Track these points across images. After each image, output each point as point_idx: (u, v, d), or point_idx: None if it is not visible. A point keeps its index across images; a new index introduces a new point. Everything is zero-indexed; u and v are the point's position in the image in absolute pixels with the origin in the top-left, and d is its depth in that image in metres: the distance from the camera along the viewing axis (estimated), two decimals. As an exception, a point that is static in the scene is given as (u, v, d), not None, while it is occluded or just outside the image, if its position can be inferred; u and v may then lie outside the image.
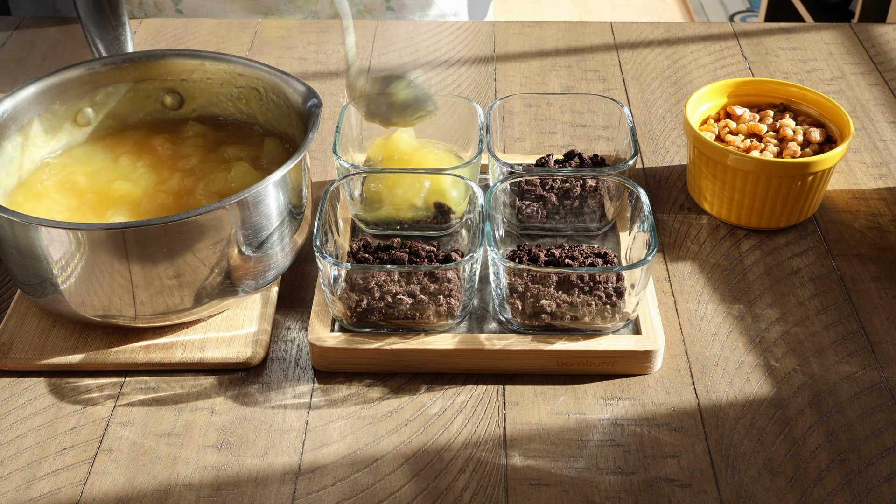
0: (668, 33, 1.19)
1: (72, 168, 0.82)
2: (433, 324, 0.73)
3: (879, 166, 0.96)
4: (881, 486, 0.66)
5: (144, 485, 0.66)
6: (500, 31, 1.19)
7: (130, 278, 0.69)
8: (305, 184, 0.78)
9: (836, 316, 0.79)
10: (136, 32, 1.18)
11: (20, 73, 1.10)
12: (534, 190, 0.83)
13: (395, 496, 0.65)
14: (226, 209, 0.69)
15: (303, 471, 0.67)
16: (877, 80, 1.09)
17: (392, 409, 0.71)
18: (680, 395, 0.72)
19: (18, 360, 0.74)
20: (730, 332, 0.77)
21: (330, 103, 1.04)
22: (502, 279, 0.73)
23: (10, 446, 0.69)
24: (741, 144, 0.87)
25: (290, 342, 0.76)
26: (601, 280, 0.73)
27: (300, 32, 1.18)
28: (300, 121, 0.79)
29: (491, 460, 0.67)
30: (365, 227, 0.84)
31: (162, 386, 0.73)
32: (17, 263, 0.72)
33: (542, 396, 0.72)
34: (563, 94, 0.92)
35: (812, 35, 1.18)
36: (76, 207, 0.78)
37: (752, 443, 0.68)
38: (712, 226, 0.88)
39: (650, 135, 1.01)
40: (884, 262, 0.84)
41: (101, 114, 0.85)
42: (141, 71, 0.85)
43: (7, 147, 0.79)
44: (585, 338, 0.73)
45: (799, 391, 0.72)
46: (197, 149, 0.84)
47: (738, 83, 0.93)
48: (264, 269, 0.75)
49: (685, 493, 0.65)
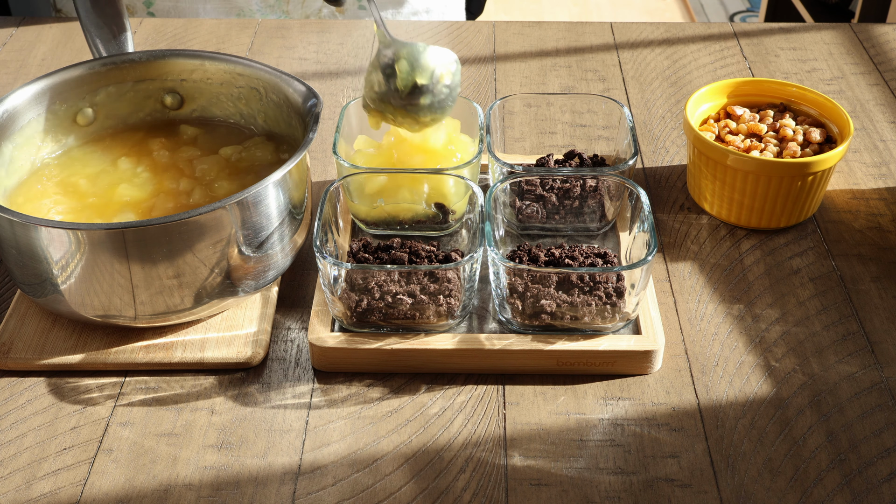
0: (668, 33, 1.19)
1: (72, 169, 0.82)
2: (433, 324, 0.73)
3: (879, 166, 0.96)
4: (881, 486, 0.66)
5: (144, 485, 0.66)
6: (500, 31, 1.19)
7: (130, 278, 0.69)
8: (305, 184, 0.78)
9: (836, 316, 0.79)
10: (136, 32, 1.18)
11: (20, 73, 1.10)
12: (534, 190, 0.83)
13: (395, 496, 0.65)
14: (226, 209, 0.69)
15: (303, 471, 0.67)
16: (877, 80, 1.09)
17: (392, 409, 0.71)
18: (680, 395, 0.72)
19: (18, 360, 0.74)
20: (730, 332, 0.77)
21: (330, 103, 1.04)
22: (502, 279, 0.73)
23: (10, 446, 0.69)
24: (741, 144, 0.87)
25: (290, 342, 0.76)
26: (601, 280, 0.73)
27: (300, 32, 1.18)
28: (300, 121, 0.79)
29: (491, 460, 0.67)
30: (365, 227, 0.84)
31: (162, 386, 0.73)
32: (17, 263, 0.72)
33: (542, 396, 0.72)
34: (563, 94, 0.92)
35: (812, 35, 1.18)
36: (76, 208, 0.78)
37: (752, 443, 0.68)
38: (712, 226, 0.88)
39: (650, 135, 1.01)
40: (884, 262, 0.84)
41: (102, 114, 0.85)
42: (141, 71, 0.85)
43: (7, 147, 0.79)
44: (585, 338, 0.73)
45: (799, 391, 0.72)
46: (196, 149, 0.84)
47: (738, 83, 0.93)
48: (264, 269, 0.75)
49: (685, 493, 0.65)
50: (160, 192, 0.79)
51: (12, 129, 0.79)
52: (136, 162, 0.83)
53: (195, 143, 0.85)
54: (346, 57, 1.13)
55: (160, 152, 0.84)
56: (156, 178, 0.81)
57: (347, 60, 1.13)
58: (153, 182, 0.80)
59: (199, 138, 0.86)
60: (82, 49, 1.14)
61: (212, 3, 1.23)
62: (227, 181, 0.80)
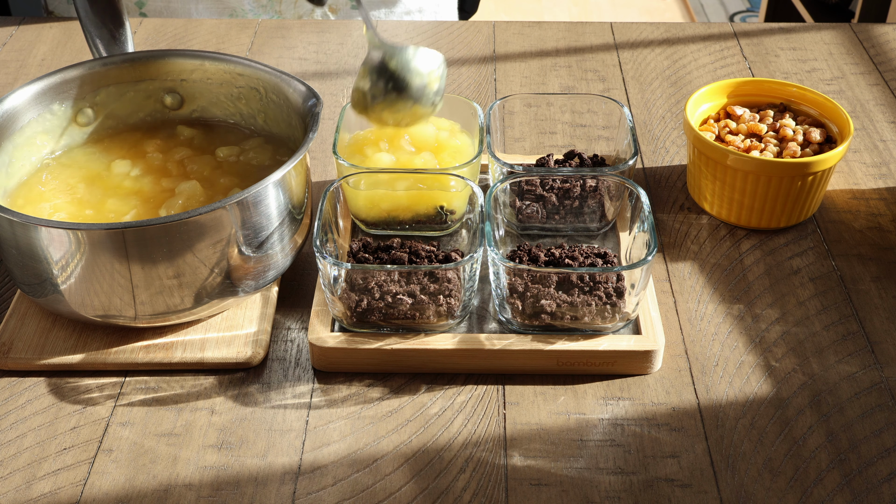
0: (668, 33, 1.19)
1: (72, 168, 0.82)
2: (433, 324, 0.73)
3: (879, 166, 0.96)
4: (881, 486, 0.66)
5: (144, 485, 0.66)
6: (500, 31, 1.19)
7: (130, 278, 0.69)
8: (305, 184, 0.78)
9: (836, 316, 0.79)
10: (136, 32, 1.18)
11: (20, 73, 1.10)
12: (534, 190, 0.83)
13: (395, 496, 0.65)
14: (226, 209, 0.69)
15: (303, 471, 0.67)
16: (877, 80, 1.09)
17: (392, 409, 0.71)
18: (680, 395, 0.72)
19: (18, 360, 0.74)
20: (730, 332, 0.77)
21: (330, 103, 1.04)
22: (502, 279, 0.73)
23: (10, 446, 0.69)
24: (741, 144, 0.87)
25: (290, 342, 0.76)
26: (601, 280, 0.73)
27: (300, 32, 1.18)
28: (300, 121, 0.79)
29: (491, 460, 0.67)
30: (365, 227, 0.84)
31: (162, 386, 0.73)
32: (17, 263, 0.72)
33: (542, 396, 0.72)
34: (563, 94, 0.92)
35: (812, 35, 1.18)
36: (76, 208, 0.78)
37: (752, 443, 0.68)
38: (712, 226, 0.88)
39: (650, 135, 1.01)
40: (884, 262, 0.84)
41: (102, 114, 0.85)
42: (141, 71, 0.85)
43: (7, 147, 0.79)
44: (585, 338, 0.73)
45: (799, 391, 0.72)
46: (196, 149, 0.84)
47: (738, 83, 0.93)
48: (264, 269, 0.75)
49: (685, 493, 0.65)
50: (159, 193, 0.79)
51: (12, 129, 0.79)
52: (136, 160, 0.83)
53: (192, 144, 0.85)
54: (346, 57, 1.13)
55: (155, 154, 0.84)
56: (154, 178, 0.81)
57: (347, 60, 1.13)
58: (151, 179, 0.80)
59: (198, 139, 0.86)
60: (82, 49, 1.14)
61: (204, 4, 1.23)
62: (226, 181, 0.80)
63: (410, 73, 0.79)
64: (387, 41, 0.80)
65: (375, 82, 0.80)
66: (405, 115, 0.81)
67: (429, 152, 0.83)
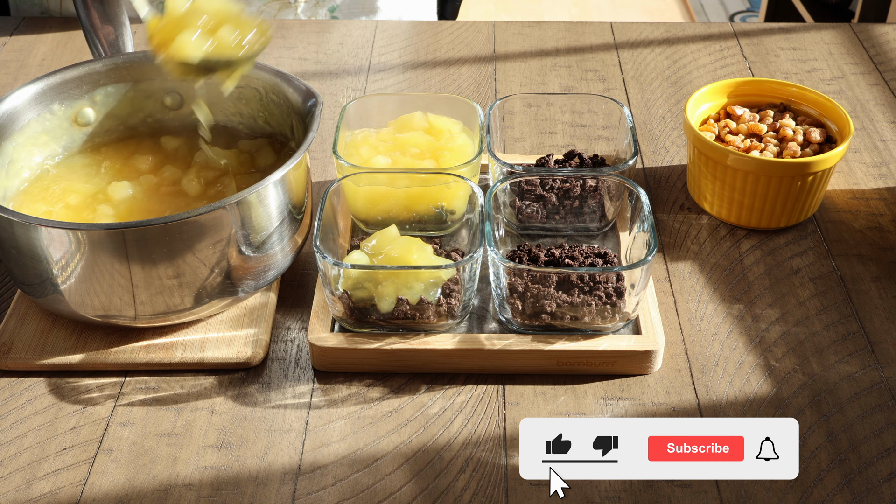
0: (668, 33, 1.19)
1: (72, 168, 0.82)
2: (433, 324, 0.73)
3: (879, 166, 0.96)
4: (881, 486, 0.66)
5: (144, 485, 0.66)
6: (500, 31, 1.19)
7: (130, 278, 0.69)
8: (305, 183, 0.78)
9: (836, 316, 0.79)
10: (136, 32, 1.18)
11: (20, 73, 1.10)
12: (534, 190, 0.83)
13: (395, 496, 0.65)
14: (226, 209, 0.69)
15: (303, 471, 0.67)
16: (877, 80, 1.09)
17: (392, 409, 0.71)
18: (680, 395, 0.72)
19: (18, 360, 0.74)
20: (730, 332, 0.77)
21: (330, 103, 1.04)
22: (502, 279, 0.73)
23: (10, 446, 0.69)
24: (741, 144, 0.87)
25: (290, 342, 0.76)
26: (601, 280, 0.73)
27: (300, 32, 1.18)
28: (300, 121, 0.79)
29: (491, 460, 0.67)
30: (365, 227, 0.84)
31: (162, 386, 0.73)
32: (17, 263, 0.72)
33: (542, 396, 0.72)
34: (563, 94, 0.92)
35: (812, 35, 1.18)
36: (76, 208, 0.78)
37: (752, 443, 0.68)
38: (712, 226, 0.88)
39: (650, 135, 1.01)
40: (884, 262, 0.84)
41: (101, 114, 0.85)
42: (141, 71, 0.85)
43: (7, 147, 0.79)
44: (585, 338, 0.73)
45: (799, 391, 0.72)
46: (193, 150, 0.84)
47: (738, 83, 0.93)
48: (264, 268, 0.75)
49: (685, 493, 0.65)
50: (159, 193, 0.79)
51: (12, 129, 0.79)
52: (137, 160, 0.83)
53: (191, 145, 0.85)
54: (346, 57, 1.13)
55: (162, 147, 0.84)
56: (154, 175, 0.81)
57: (347, 60, 1.13)
58: (151, 179, 0.80)
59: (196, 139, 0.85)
60: (82, 49, 1.14)
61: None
62: (226, 181, 0.80)
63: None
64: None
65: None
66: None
67: (430, 160, 0.83)
